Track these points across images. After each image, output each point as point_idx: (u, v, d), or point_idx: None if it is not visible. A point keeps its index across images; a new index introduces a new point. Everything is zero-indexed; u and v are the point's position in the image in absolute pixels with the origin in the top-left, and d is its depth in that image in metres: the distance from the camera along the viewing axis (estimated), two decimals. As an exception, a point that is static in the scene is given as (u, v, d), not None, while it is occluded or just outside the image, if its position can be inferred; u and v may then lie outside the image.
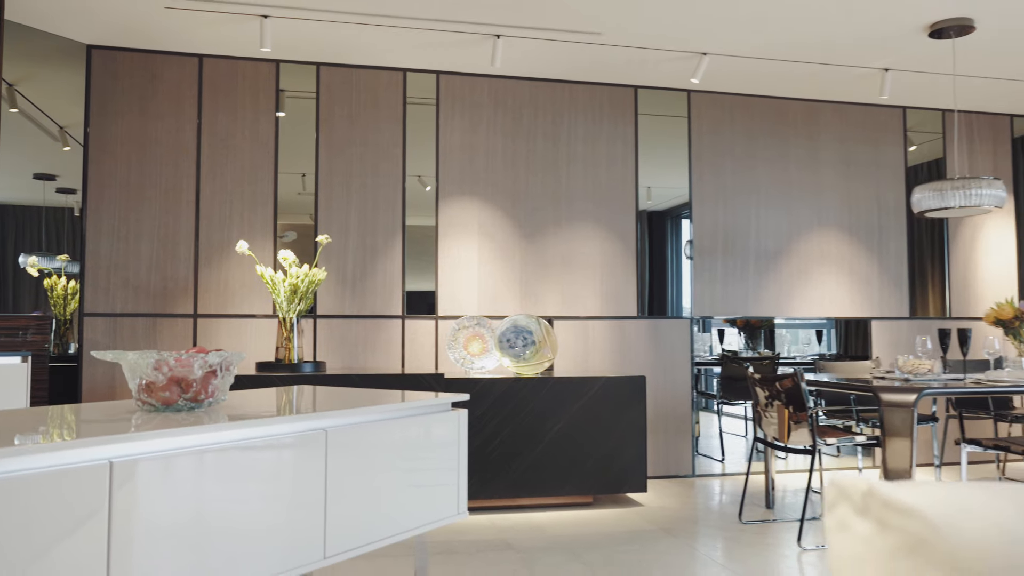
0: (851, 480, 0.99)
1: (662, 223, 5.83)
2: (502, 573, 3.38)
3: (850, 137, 6.04)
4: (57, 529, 1.53)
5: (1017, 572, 0.88)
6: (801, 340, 6.50)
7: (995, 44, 4.82)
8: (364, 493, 2.26)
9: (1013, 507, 0.97)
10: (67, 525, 1.55)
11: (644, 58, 5.09)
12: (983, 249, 6.30)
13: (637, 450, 4.68)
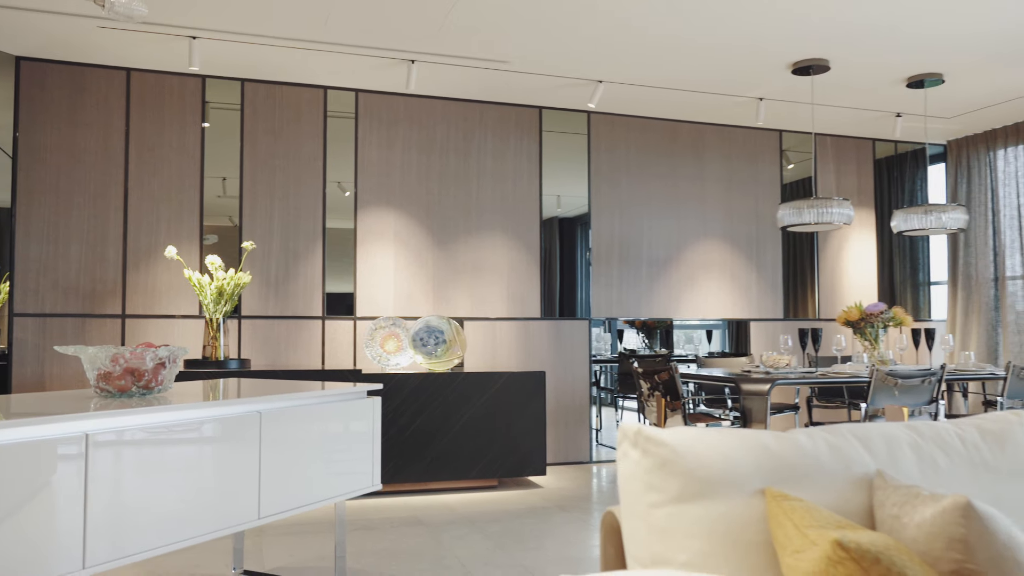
0: (630, 426, 1.48)
1: (572, 229, 6.37)
2: (412, 543, 3.83)
3: (732, 156, 6.72)
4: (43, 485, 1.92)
5: (727, 478, 1.39)
6: (694, 339, 7.17)
7: (848, 81, 5.54)
8: (292, 465, 2.68)
9: (736, 441, 1.49)
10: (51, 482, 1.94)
11: (547, 83, 5.62)
12: (848, 258, 7.08)
13: (538, 438, 5.20)
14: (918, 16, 4.42)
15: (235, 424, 2.48)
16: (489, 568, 3.44)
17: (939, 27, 4.58)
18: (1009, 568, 1.12)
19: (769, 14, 4.40)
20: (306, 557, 3.61)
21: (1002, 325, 6.80)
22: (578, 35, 4.73)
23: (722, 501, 1.37)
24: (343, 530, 3.15)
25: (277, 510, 2.61)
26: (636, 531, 1.42)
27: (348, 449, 2.95)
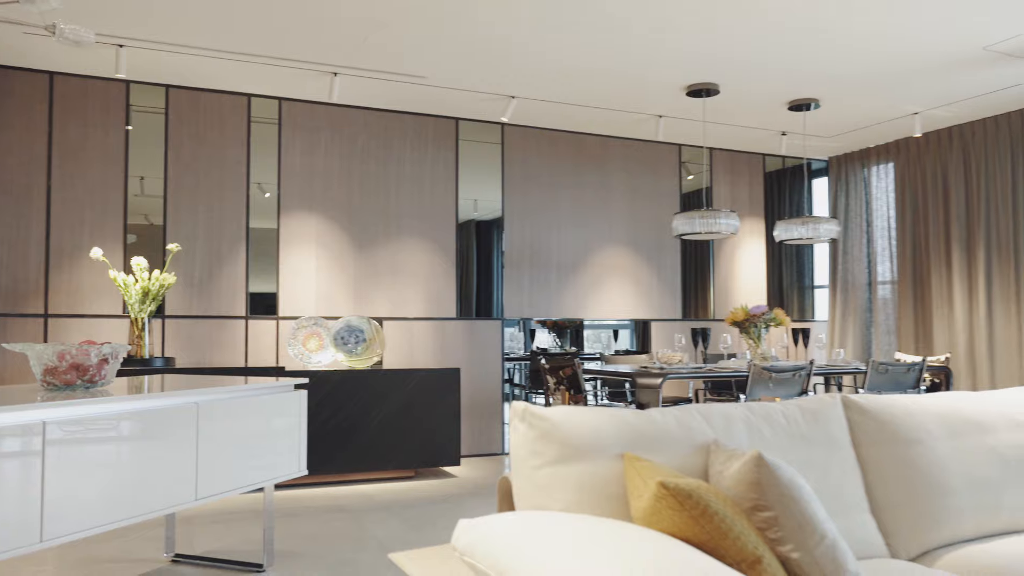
0: (519, 404, 1.85)
1: (488, 232, 6.74)
2: (335, 526, 4.13)
3: (635, 168, 7.22)
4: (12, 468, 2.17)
5: (594, 445, 1.78)
6: (602, 339, 7.65)
7: (737, 103, 6.08)
8: (227, 452, 2.96)
9: (604, 416, 1.88)
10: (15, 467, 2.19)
11: (463, 97, 5.97)
12: (740, 263, 7.68)
13: (453, 431, 5.54)
14: (796, 51, 4.96)
15: (175, 414, 2.74)
16: (405, 546, 3.77)
17: (814, 62, 5.14)
18: (787, 502, 1.53)
19: (665, 45, 4.86)
20: (234, 541, 3.86)
21: (874, 325, 7.52)
22: (492, 58, 5.09)
23: (590, 463, 1.76)
24: (272, 512, 3.43)
25: (214, 491, 2.88)
26: (523, 488, 1.79)
27: (278, 437, 3.23)
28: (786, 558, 1.50)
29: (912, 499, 2.13)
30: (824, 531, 1.52)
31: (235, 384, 3.18)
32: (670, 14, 4.40)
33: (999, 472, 2.27)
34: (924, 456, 2.19)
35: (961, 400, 2.42)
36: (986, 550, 2.08)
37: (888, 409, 2.26)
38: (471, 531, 1.52)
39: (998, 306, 6.41)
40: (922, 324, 7.09)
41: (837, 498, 2.05)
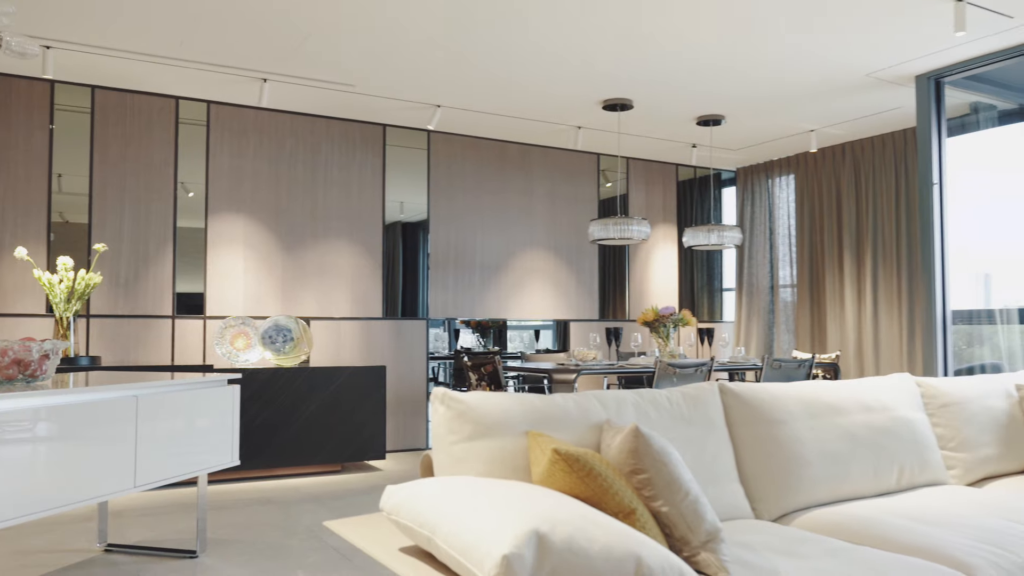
0: (439, 389, 2.13)
1: (414, 234, 6.98)
2: (264, 516, 4.32)
3: (556, 175, 7.57)
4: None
5: (503, 423, 2.07)
6: (524, 338, 7.97)
7: (649, 117, 6.49)
8: (164, 442, 3.14)
9: (513, 400, 2.17)
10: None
11: (391, 104, 6.20)
12: (654, 267, 8.12)
13: (378, 426, 5.77)
14: (702, 74, 5.37)
15: (117, 406, 2.92)
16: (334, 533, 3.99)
17: (719, 84, 5.57)
18: (659, 466, 1.85)
19: (582, 63, 5.20)
20: (166, 532, 4.02)
21: (776, 325, 8.06)
22: (420, 69, 5.35)
23: (499, 439, 2.05)
24: (205, 500, 3.61)
25: (152, 479, 3.06)
26: (442, 461, 2.07)
27: (212, 429, 3.42)
28: (657, 511, 1.82)
29: (775, 470, 2.50)
30: (688, 489, 1.85)
31: (179, 378, 3.36)
32: (586, 35, 4.74)
33: (849, 447, 2.66)
34: (786, 434, 2.56)
35: (820, 387, 2.81)
36: (834, 511, 2.46)
37: (758, 395, 2.62)
38: (397, 494, 1.79)
39: (883, 308, 6.99)
40: (818, 324, 7.66)
41: (712, 469, 2.39)
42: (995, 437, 3.15)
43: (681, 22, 4.53)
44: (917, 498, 2.67)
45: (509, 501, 1.56)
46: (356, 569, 3.40)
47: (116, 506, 4.56)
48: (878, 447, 2.75)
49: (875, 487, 2.72)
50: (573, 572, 1.40)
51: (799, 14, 4.41)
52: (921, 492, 2.78)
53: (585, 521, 1.50)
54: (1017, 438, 3.21)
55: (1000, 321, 6.15)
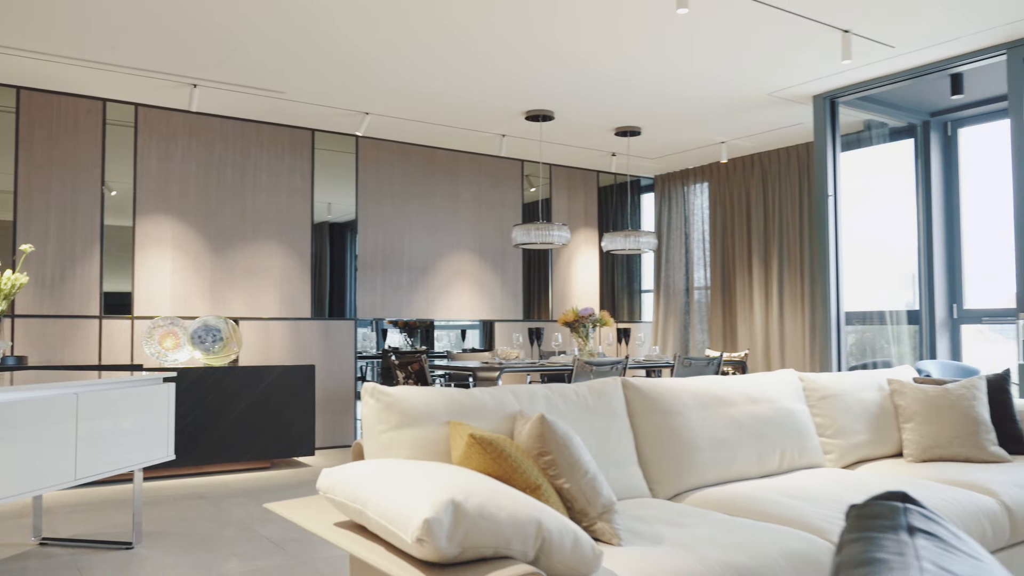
0: (369, 384, 2.36)
1: (342, 235, 7.14)
2: (197, 510, 4.46)
3: (482, 181, 7.84)
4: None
5: (426, 414, 2.32)
6: (451, 338, 8.20)
7: (570, 127, 6.82)
8: (104, 436, 3.29)
9: (436, 394, 2.43)
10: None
11: (320, 111, 6.36)
12: (577, 269, 8.47)
13: (307, 424, 5.93)
14: (619, 90, 5.71)
15: (59, 402, 3.05)
16: (266, 524, 4.17)
17: (635, 99, 5.92)
18: (562, 449, 2.14)
19: (505, 75, 5.48)
20: (101, 526, 4.13)
21: (691, 326, 8.51)
22: (349, 78, 5.54)
23: (423, 427, 2.30)
24: (140, 494, 3.74)
25: (91, 473, 3.20)
26: (371, 448, 2.31)
27: (149, 425, 3.57)
28: (560, 488, 2.10)
29: (669, 455, 2.81)
30: (587, 469, 2.14)
31: (116, 376, 3.49)
32: (511, 51, 5.02)
33: (735, 435, 3.00)
34: (680, 423, 2.88)
35: (712, 381, 3.15)
36: (721, 490, 2.79)
37: (656, 389, 2.94)
38: (332, 475, 2.03)
39: (788, 309, 7.49)
40: (729, 324, 8.12)
41: (614, 454, 2.69)
42: (867, 425, 3.55)
43: (599, 42, 4.84)
44: (795, 479, 3.03)
45: (430, 477, 1.82)
46: (289, 556, 3.60)
47: (49, 503, 4.62)
48: (762, 434, 3.10)
49: (759, 469, 3.06)
50: (483, 533, 1.66)
51: (707, 39, 4.78)
52: (799, 474, 3.14)
53: (495, 493, 1.77)
54: (887, 426, 3.62)
55: (890, 322, 6.70)
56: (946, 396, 3.55)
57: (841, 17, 4.46)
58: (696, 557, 2.01)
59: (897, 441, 3.62)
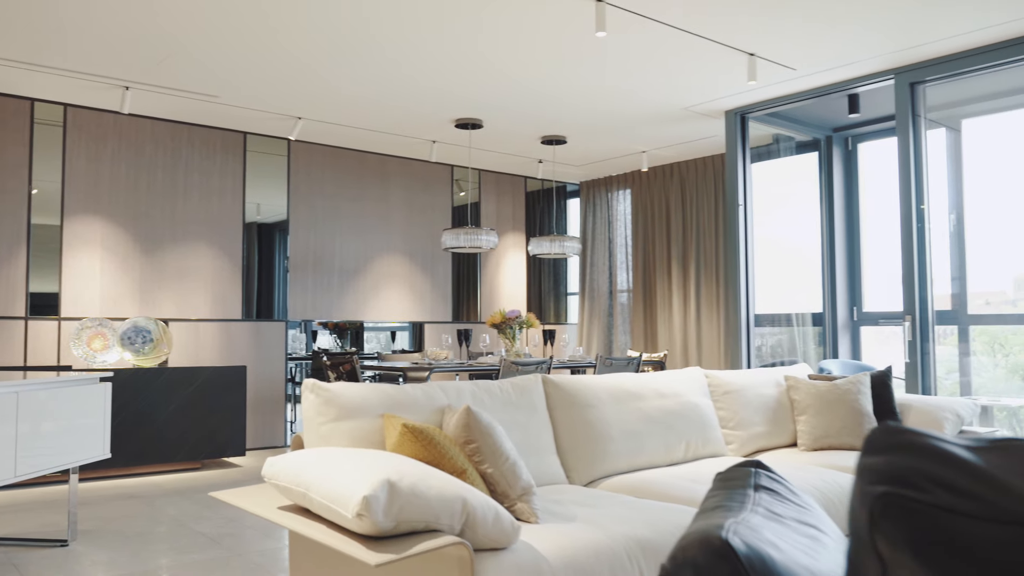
0: (309, 380, 2.56)
1: (273, 237, 7.23)
2: (131, 509, 4.54)
3: (413, 185, 8.03)
4: None
5: (362, 408, 2.53)
6: (381, 339, 8.36)
7: (499, 135, 7.08)
8: (43, 435, 3.38)
9: (371, 389, 2.64)
10: None
11: (253, 115, 6.46)
12: (505, 272, 8.73)
13: (238, 425, 6.03)
14: (545, 102, 5.99)
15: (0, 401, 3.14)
16: (200, 520, 4.29)
17: (559, 110, 6.21)
18: (485, 437, 2.38)
19: (435, 85, 5.69)
20: (35, 525, 4.18)
21: (614, 327, 8.86)
22: (284, 84, 5.67)
23: (359, 420, 2.51)
24: (76, 492, 3.83)
25: (31, 469, 3.29)
26: (311, 439, 2.50)
27: (86, 423, 3.66)
28: (484, 472, 2.34)
29: (585, 445, 3.09)
30: (508, 455, 2.39)
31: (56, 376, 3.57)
32: (442, 63, 5.24)
33: (645, 427, 3.29)
34: (595, 416, 3.16)
35: (624, 378, 3.44)
36: (631, 477, 3.08)
37: (573, 385, 3.21)
38: (277, 463, 2.22)
39: (704, 311, 7.91)
40: (650, 325, 8.51)
41: (535, 445, 2.95)
42: (765, 418, 3.90)
43: (523, 58, 5.11)
44: (698, 466, 3.34)
45: (368, 462, 2.03)
46: (225, 550, 3.74)
47: (-27, 505, 4.63)
48: (669, 426, 3.41)
49: (666, 458, 3.37)
50: (415, 509, 1.89)
51: (625, 58, 5.09)
52: (703, 462, 3.46)
53: (426, 475, 2.00)
54: (783, 419, 3.98)
55: (797, 324, 7.17)
56: (835, 391, 3.93)
57: (747, 42, 4.82)
58: (604, 532, 2.28)
59: (792, 432, 3.99)
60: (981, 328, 6.23)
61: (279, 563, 3.53)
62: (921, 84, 5.27)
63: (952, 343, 6.12)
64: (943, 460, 0.72)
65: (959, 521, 0.67)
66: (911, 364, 5.24)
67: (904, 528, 0.69)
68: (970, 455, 0.73)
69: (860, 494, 0.73)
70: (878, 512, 0.71)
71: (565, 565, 2.08)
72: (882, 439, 0.75)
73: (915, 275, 5.25)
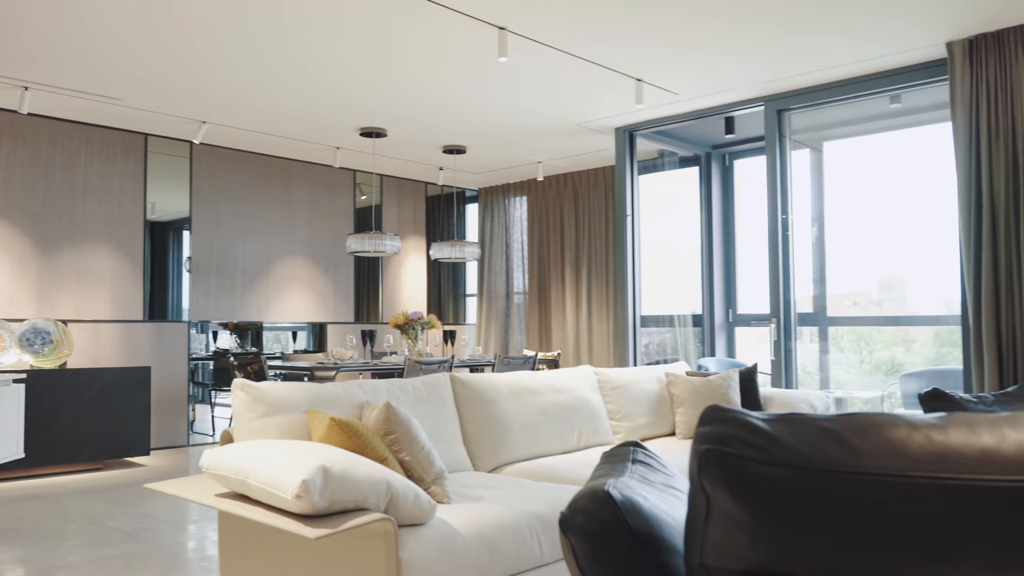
0: (239, 380, 2.79)
1: (177, 239, 7.23)
2: (38, 510, 4.57)
3: (316, 189, 8.18)
4: None
5: (288, 404, 2.78)
6: (282, 339, 8.45)
7: (402, 143, 7.34)
8: (-41, 436, 3.45)
9: (295, 387, 2.89)
10: None
11: (157, 117, 6.48)
12: (406, 274, 8.99)
13: (142, 425, 6.06)
14: (446, 114, 6.30)
15: (-84, 404, 3.21)
16: (113, 517, 4.39)
17: (460, 122, 6.53)
18: (403, 429, 2.68)
19: (343, 96, 5.91)
20: (-66, 527, 4.18)
21: (511, 328, 9.26)
22: (188, 88, 5.76)
23: (286, 416, 2.76)
24: (-18, 495, 3.88)
25: (-53, 470, 3.36)
26: (242, 434, 2.74)
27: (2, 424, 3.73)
28: (402, 460, 2.65)
29: (488, 436, 3.43)
30: (423, 445, 2.70)
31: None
32: (348, 74, 5.47)
33: (542, 419, 3.66)
34: (497, 410, 3.51)
35: (523, 375, 3.80)
36: (529, 464, 3.44)
37: (478, 382, 3.54)
38: (214, 455, 2.46)
39: (595, 313, 8.40)
40: (545, 326, 8.94)
41: (444, 436, 3.27)
42: (648, 410, 4.34)
43: (432, 73, 5.40)
44: (589, 453, 3.73)
45: (301, 451, 2.30)
46: (141, 543, 3.88)
47: None
48: (563, 419, 3.79)
49: (561, 447, 3.75)
50: (347, 490, 2.17)
51: (524, 78, 5.46)
52: (593, 450, 3.86)
53: (355, 461, 2.28)
54: (663, 411, 4.44)
55: (679, 325, 7.74)
56: (708, 386, 4.42)
57: (636, 68, 5.28)
58: (508, 509, 2.62)
59: (671, 422, 4.46)
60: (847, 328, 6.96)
61: (199, 552, 3.71)
62: (787, 111, 5.88)
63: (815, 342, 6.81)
64: (746, 427, 1.08)
65: (752, 465, 1.04)
66: (776, 361, 5.84)
67: (719, 472, 1.05)
68: (764, 425, 1.09)
69: (693, 451, 1.09)
70: (703, 462, 1.07)
71: (475, 537, 2.42)
72: (709, 415, 1.12)
73: (780, 280, 5.86)
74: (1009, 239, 4.63)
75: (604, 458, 1.66)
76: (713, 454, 1.06)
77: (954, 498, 0.94)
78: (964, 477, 0.94)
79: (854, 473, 0.98)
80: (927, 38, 4.78)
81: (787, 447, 1.05)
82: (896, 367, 6.77)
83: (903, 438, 1.00)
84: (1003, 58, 4.67)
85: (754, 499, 1.04)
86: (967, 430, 0.99)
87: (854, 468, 0.98)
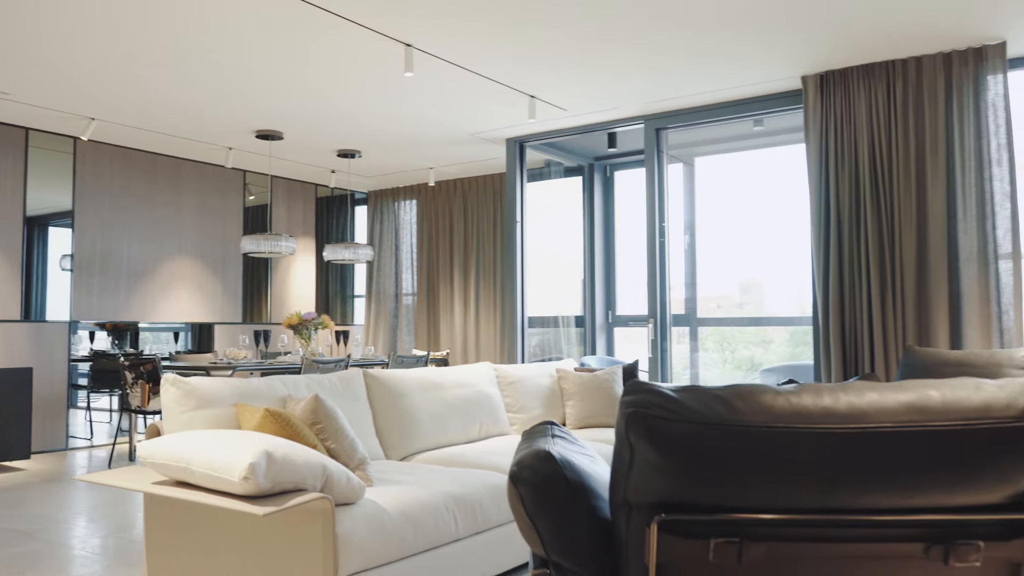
0: (170, 375, 2.93)
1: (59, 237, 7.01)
2: (-81, 515, 4.45)
3: (206, 189, 8.12)
4: None
5: (217, 398, 2.94)
6: (162, 340, 8.32)
7: (297, 147, 7.43)
8: None
9: (223, 382, 3.05)
10: None
11: (42, 113, 6.32)
12: (295, 275, 9.03)
13: (23, 428, 5.91)
14: (342, 119, 6.46)
15: None
16: (6, 518, 4.33)
17: (355, 127, 6.71)
18: (330, 419, 2.90)
19: (245, 98, 5.98)
20: None
21: (399, 328, 9.46)
22: (82, 83, 5.68)
23: (215, 409, 2.93)
24: None
25: None
26: (172, 427, 2.89)
27: None
28: (329, 448, 2.87)
29: (399, 427, 3.68)
30: (348, 434, 2.93)
31: None
32: (244, 75, 5.56)
33: (447, 411, 3.95)
34: (407, 404, 3.76)
35: (430, 371, 4.07)
36: (437, 452, 3.72)
37: (389, 377, 3.79)
38: (151, 446, 2.61)
39: (483, 313, 8.74)
40: (433, 326, 9.20)
41: (359, 427, 3.49)
42: (541, 403, 4.70)
43: (333, 80, 5.58)
44: (490, 442, 4.05)
45: (242, 439, 2.50)
46: (42, 542, 3.89)
47: None
48: (466, 411, 4.09)
49: (464, 437, 4.04)
50: (288, 473, 2.39)
51: (423, 90, 5.72)
52: (493, 439, 4.17)
53: (293, 447, 2.50)
54: (555, 403, 4.81)
55: (563, 325, 8.19)
56: (595, 380, 4.83)
57: (529, 85, 5.65)
58: (426, 490, 2.90)
59: (562, 414, 4.83)
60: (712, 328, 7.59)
61: (107, 549, 3.77)
62: (664, 129, 6.41)
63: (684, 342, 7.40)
64: (660, 395, 1.42)
65: (665, 424, 1.37)
66: (653, 359, 6.35)
67: (642, 428, 1.38)
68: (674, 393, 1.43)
69: (621, 413, 1.42)
70: (629, 421, 1.39)
71: (400, 514, 2.68)
72: (631, 387, 1.44)
73: (657, 284, 6.37)
74: (852, 250, 5.29)
75: (526, 435, 1.98)
76: (638, 415, 1.39)
77: (805, 442, 1.31)
78: (811, 427, 1.31)
79: (736, 426, 1.33)
80: (785, 71, 5.39)
81: (690, 409, 1.39)
82: (756, 366, 7.45)
83: (770, 400, 1.36)
84: (848, 92, 5.33)
85: (667, 448, 1.37)
86: (814, 394, 1.36)
87: (736, 422, 1.34)
